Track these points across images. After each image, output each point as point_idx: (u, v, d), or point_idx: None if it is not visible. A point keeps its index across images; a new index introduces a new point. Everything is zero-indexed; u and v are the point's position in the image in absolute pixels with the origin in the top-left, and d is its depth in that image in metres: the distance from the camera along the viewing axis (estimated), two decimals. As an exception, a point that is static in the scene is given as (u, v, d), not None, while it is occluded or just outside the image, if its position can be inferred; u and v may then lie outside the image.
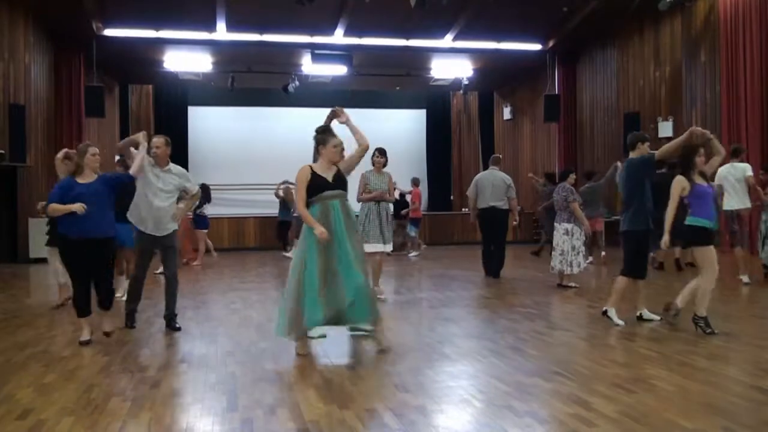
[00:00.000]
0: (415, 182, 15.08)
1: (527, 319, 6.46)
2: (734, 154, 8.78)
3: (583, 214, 8.64)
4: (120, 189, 5.71)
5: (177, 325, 6.18)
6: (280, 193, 14.28)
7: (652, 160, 6.19)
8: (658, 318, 6.14)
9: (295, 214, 13.82)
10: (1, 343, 5.67)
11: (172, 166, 6.22)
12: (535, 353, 5.00)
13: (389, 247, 7.77)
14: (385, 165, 7.86)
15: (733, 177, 8.64)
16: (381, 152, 7.81)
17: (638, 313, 6.27)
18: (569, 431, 3.30)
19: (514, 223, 10.21)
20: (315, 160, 5.22)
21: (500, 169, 10.04)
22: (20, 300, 8.58)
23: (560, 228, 8.65)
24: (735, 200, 8.65)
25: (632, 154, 6.28)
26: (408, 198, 15.12)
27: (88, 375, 4.54)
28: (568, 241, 8.53)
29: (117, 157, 8.57)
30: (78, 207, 5.19)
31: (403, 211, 14.72)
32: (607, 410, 3.58)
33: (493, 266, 9.98)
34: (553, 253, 8.74)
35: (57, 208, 5.29)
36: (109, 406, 3.82)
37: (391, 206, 8.07)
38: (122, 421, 3.56)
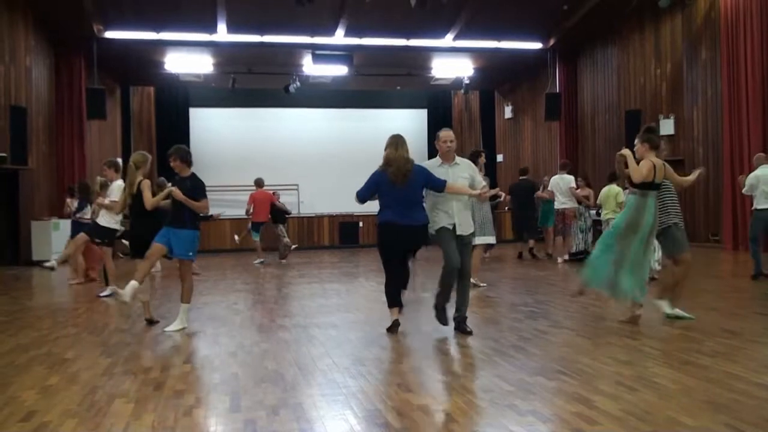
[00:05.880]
0: (258, 183, 13.52)
1: (529, 318, 6.46)
2: (562, 168, 12.16)
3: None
4: None
5: (468, 329, 5.75)
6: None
7: None
8: None
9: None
10: (3, 346, 5.68)
11: (458, 159, 5.97)
12: (538, 352, 5.00)
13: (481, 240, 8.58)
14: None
15: (562, 185, 11.80)
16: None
17: None
18: (572, 430, 3.30)
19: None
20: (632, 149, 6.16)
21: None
22: (22, 302, 8.59)
23: None
24: (562, 202, 11.81)
25: None
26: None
27: (91, 377, 4.54)
28: None
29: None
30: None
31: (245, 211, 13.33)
32: (610, 408, 3.58)
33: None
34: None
35: None
36: (112, 408, 3.82)
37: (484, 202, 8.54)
38: (126, 422, 3.57)
